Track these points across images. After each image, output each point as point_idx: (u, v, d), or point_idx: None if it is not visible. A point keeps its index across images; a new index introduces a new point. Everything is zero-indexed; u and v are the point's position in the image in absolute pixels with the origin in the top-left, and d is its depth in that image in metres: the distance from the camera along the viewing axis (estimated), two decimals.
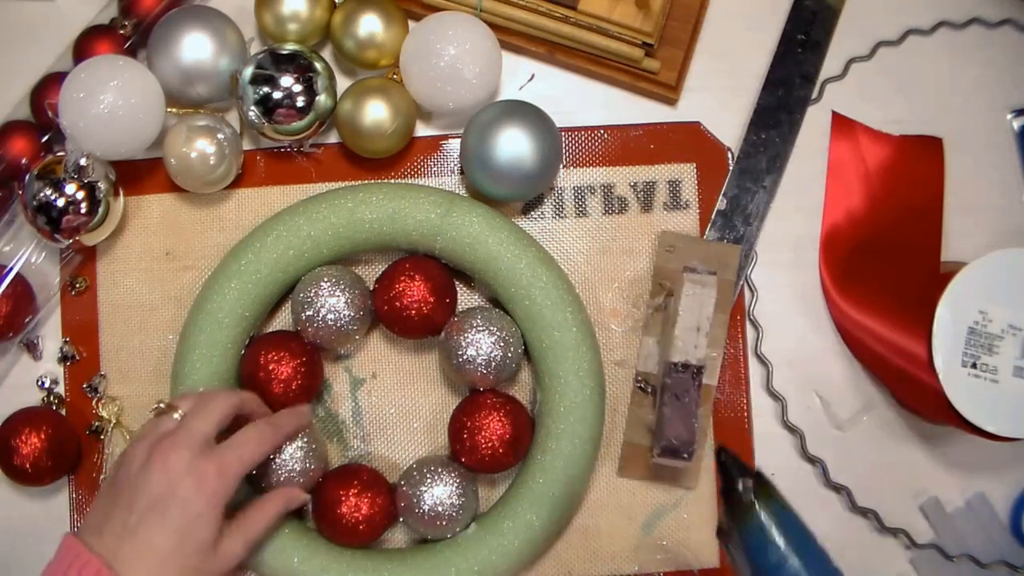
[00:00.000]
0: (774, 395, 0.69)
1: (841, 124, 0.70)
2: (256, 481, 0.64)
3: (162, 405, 0.59)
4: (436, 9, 0.68)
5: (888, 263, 0.69)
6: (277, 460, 0.63)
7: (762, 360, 0.69)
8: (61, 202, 0.63)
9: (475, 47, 0.65)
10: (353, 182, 0.69)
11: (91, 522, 0.56)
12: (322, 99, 0.65)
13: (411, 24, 0.68)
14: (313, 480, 0.65)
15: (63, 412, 0.68)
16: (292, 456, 0.63)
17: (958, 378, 0.63)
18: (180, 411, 0.58)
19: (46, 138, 0.67)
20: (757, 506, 0.48)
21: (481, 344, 0.64)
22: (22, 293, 0.67)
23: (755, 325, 0.69)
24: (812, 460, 0.69)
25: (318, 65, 0.65)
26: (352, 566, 0.64)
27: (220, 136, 0.66)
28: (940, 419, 0.67)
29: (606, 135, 0.70)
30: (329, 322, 0.64)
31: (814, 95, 0.70)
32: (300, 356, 0.65)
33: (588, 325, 0.66)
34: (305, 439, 0.64)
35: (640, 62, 0.68)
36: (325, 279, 0.65)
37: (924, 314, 0.64)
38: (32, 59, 0.68)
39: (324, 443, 0.67)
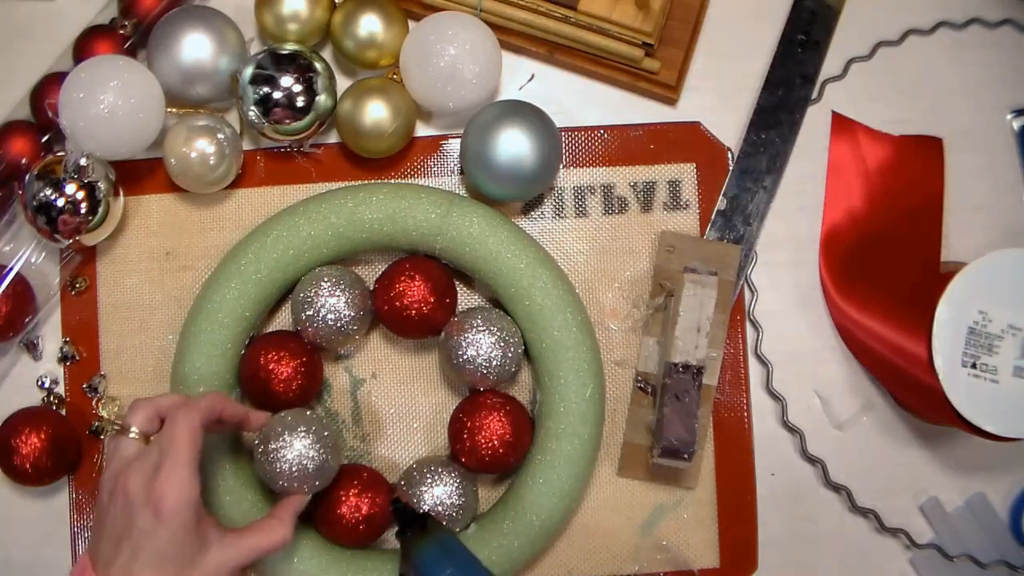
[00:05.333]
0: (774, 395, 0.69)
1: (841, 124, 0.70)
2: (269, 483, 0.62)
3: (116, 426, 0.58)
4: (436, 9, 0.68)
5: (888, 263, 0.69)
6: (288, 460, 0.60)
7: (762, 360, 0.69)
8: (61, 202, 0.63)
9: (475, 47, 0.65)
10: (353, 182, 0.69)
11: (91, 545, 0.56)
12: (322, 99, 0.65)
13: (411, 24, 0.68)
14: (329, 478, 0.62)
15: (63, 412, 0.68)
16: (303, 455, 0.60)
17: (958, 378, 0.63)
18: (135, 429, 0.56)
19: (46, 138, 0.67)
20: (427, 540, 0.58)
21: (481, 344, 0.64)
22: (22, 293, 0.67)
23: (755, 325, 0.69)
24: (812, 460, 0.69)
25: (318, 65, 0.65)
26: (352, 566, 0.64)
27: (220, 136, 0.66)
28: (940, 419, 0.67)
29: (606, 135, 0.69)
30: (329, 322, 0.64)
31: (814, 95, 0.70)
32: (300, 356, 0.65)
33: (588, 325, 0.66)
34: (314, 433, 0.61)
35: (640, 62, 0.68)
36: (325, 279, 0.65)
37: (924, 314, 0.64)
38: (32, 59, 0.68)
39: (337, 434, 0.65)
